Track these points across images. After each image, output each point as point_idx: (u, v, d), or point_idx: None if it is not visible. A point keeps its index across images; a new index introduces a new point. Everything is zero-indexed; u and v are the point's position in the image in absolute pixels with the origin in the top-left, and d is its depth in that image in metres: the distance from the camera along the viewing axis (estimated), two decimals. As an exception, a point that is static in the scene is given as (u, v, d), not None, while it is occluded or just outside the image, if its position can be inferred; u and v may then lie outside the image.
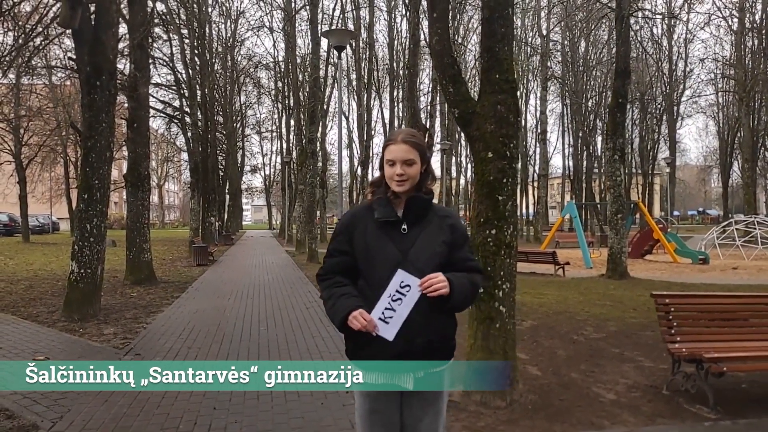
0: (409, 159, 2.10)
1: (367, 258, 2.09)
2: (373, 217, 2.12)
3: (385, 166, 2.15)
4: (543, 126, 33.15)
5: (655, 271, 16.44)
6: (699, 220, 66.91)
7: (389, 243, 2.09)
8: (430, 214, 2.16)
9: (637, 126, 41.87)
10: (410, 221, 2.11)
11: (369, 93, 32.62)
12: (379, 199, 2.14)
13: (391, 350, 2.02)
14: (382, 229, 2.10)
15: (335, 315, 2.07)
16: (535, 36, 33.10)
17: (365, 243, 2.10)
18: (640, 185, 42.17)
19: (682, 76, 35.23)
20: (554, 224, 25.22)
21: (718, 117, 41.27)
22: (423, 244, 2.10)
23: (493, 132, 4.66)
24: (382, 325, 2.00)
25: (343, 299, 2.07)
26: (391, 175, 2.11)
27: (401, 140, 2.12)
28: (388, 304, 2.00)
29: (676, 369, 4.59)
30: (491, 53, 4.74)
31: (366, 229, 2.12)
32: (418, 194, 2.14)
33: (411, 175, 2.11)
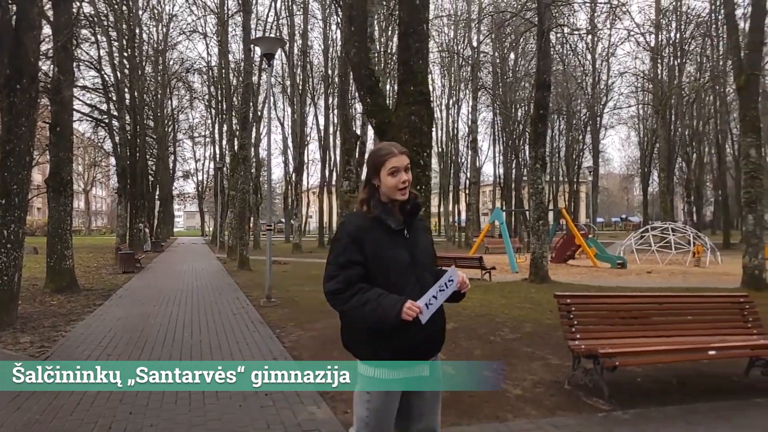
0: (408, 166, 2.28)
1: (381, 266, 2.21)
2: (380, 227, 2.24)
3: (384, 178, 2.26)
4: (474, 135, 34.10)
5: (576, 275, 17.26)
6: (622, 226, 70.62)
7: (400, 249, 2.25)
8: (416, 219, 2.36)
9: (563, 136, 43.85)
10: (408, 227, 2.30)
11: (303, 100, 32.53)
12: (385, 210, 2.26)
13: (419, 335, 2.21)
14: (391, 237, 2.25)
15: (386, 312, 2.12)
16: (466, 47, 34.06)
17: (379, 252, 2.22)
18: (566, 193, 44.12)
19: (604, 88, 37.19)
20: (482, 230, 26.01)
21: (638, 128, 43.93)
22: (423, 246, 2.34)
23: (407, 141, 4.84)
24: (425, 310, 2.17)
25: (384, 298, 2.15)
26: (395, 184, 2.24)
27: (400, 152, 2.28)
28: (435, 294, 2.19)
29: (576, 365, 4.90)
30: (406, 66, 4.93)
31: (377, 238, 2.23)
32: (415, 201, 2.32)
33: (410, 182, 2.29)
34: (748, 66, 10.96)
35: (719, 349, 4.82)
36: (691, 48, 31.71)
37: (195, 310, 9.31)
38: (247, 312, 9.17)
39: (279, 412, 4.25)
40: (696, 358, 4.97)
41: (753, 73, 10.89)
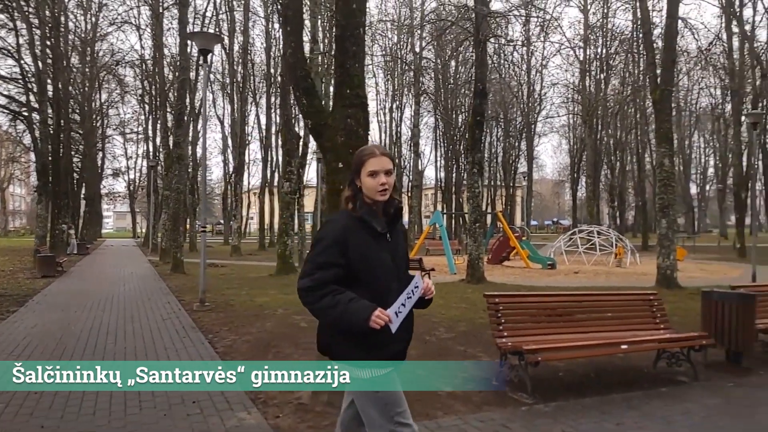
0: (389, 169, 2.27)
1: (368, 268, 2.21)
2: (365, 228, 2.23)
3: (364, 179, 2.26)
4: (416, 139, 34.62)
5: (510, 275, 17.86)
6: (554, 229, 73.45)
7: (383, 251, 2.26)
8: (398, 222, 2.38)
9: (501, 142, 45.21)
10: (390, 230, 2.31)
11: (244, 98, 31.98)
12: (370, 212, 2.26)
13: (401, 344, 2.31)
14: (376, 239, 2.25)
15: (354, 316, 2.13)
16: (409, 53, 34.55)
17: (365, 254, 2.22)
18: (503, 196, 45.50)
19: (538, 98, 38.66)
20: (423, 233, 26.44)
21: (568, 137, 45.85)
22: (400, 249, 2.36)
23: (343, 143, 4.92)
24: (395, 318, 2.17)
25: (354, 303, 2.14)
26: (374, 186, 2.24)
27: (380, 153, 2.27)
28: (404, 301, 2.20)
29: (503, 361, 5.13)
30: (343, 69, 5.01)
31: (362, 240, 2.22)
32: (399, 205, 2.33)
33: (391, 185, 2.26)
34: (662, 82, 11.75)
35: (631, 343, 5.18)
36: (616, 63, 33.53)
37: (121, 316, 8.94)
38: (178, 317, 8.94)
39: (206, 420, 4.17)
40: (611, 352, 5.30)
41: (666, 88, 11.68)
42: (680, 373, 5.36)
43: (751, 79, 28.75)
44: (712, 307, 5.91)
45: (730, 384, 5.20)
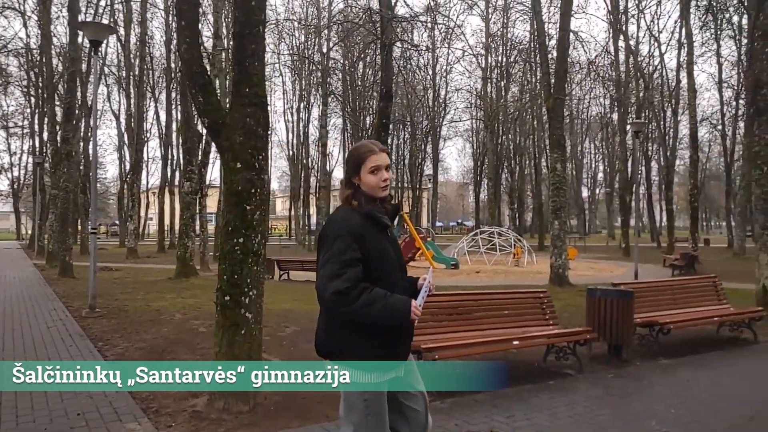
0: (389, 165, 2.30)
1: (381, 263, 2.21)
2: (374, 224, 2.23)
3: (365, 176, 2.25)
4: (324, 139, 34.45)
5: (415, 275, 18.19)
6: (458, 230, 76.00)
7: (389, 246, 2.29)
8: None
9: (408, 145, 46.12)
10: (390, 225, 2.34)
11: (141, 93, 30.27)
12: (376, 207, 2.26)
13: (407, 345, 2.33)
14: (383, 235, 2.28)
15: (396, 312, 2.13)
16: (316, 52, 34.35)
17: (378, 249, 2.21)
18: (410, 198, 46.45)
19: (443, 103, 39.80)
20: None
21: (472, 141, 47.67)
22: (398, 245, 2.39)
23: (242, 143, 4.77)
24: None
25: (391, 298, 2.14)
26: (376, 182, 2.25)
27: (379, 150, 2.28)
28: (423, 295, 2.25)
29: (403, 361, 5.21)
30: (242, 67, 4.86)
31: (375, 235, 2.23)
32: (395, 203, 2.35)
33: (390, 180, 2.30)
34: (555, 91, 12.54)
35: (522, 339, 5.45)
36: (515, 71, 35.31)
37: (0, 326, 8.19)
38: (65, 324, 8.30)
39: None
40: (504, 348, 5.54)
41: (558, 97, 12.47)
42: (567, 367, 5.71)
43: (635, 90, 31.34)
44: (596, 303, 6.36)
45: (611, 375, 5.61)
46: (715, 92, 32.81)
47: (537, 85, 32.74)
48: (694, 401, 4.72)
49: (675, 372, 5.71)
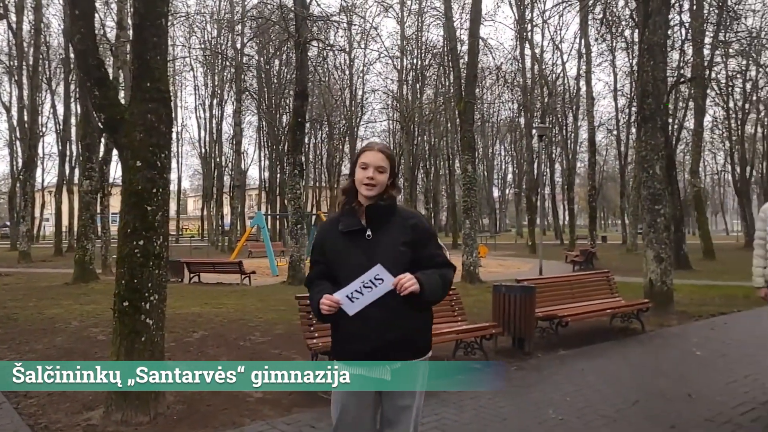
0: (381, 167, 2.28)
1: (338, 266, 2.28)
2: (337, 228, 2.30)
3: (357, 170, 2.29)
4: (238, 138, 33.59)
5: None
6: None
7: (355, 250, 2.26)
8: (395, 218, 2.31)
9: (325, 144, 45.93)
10: (374, 227, 2.28)
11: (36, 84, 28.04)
12: (345, 212, 2.32)
13: (367, 345, 2.21)
14: (348, 238, 2.28)
15: (314, 305, 2.24)
16: (230, 48, 33.40)
17: (335, 252, 2.30)
18: (328, 198, 46.27)
19: (360, 103, 39.97)
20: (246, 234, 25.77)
21: (389, 141, 48.20)
22: (386, 247, 2.25)
23: (142, 140, 4.55)
24: (347, 302, 2.17)
25: (315, 295, 2.25)
26: (362, 178, 2.27)
27: (378, 149, 2.31)
28: (359, 288, 2.16)
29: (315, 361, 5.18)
30: (142, 61, 4.64)
31: (334, 240, 2.31)
32: (376, 204, 2.29)
33: (380, 182, 2.28)
34: (466, 94, 12.97)
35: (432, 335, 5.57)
36: (430, 74, 36.14)
37: None
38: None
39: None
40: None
41: (469, 100, 12.91)
42: (473, 360, 5.91)
43: (540, 96, 33.01)
44: (500, 299, 6.63)
45: (514, 367, 5.87)
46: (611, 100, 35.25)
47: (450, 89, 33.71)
48: (588, 389, 5.04)
49: (572, 362, 6.07)
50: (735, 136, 33.35)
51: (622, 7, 21.09)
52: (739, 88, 30.82)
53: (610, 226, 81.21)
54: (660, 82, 9.60)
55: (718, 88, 27.81)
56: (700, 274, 17.25)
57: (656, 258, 9.49)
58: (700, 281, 14.76)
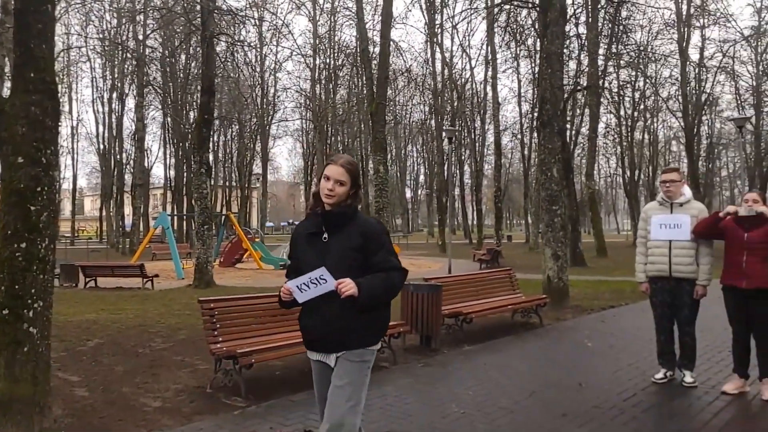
0: (341, 180, 2.56)
1: (301, 262, 2.62)
2: (305, 230, 2.66)
3: (321, 180, 2.60)
4: (140, 134, 31.90)
5: (242, 278, 17.76)
6: (289, 230, 75.73)
7: (311, 250, 2.59)
8: (351, 224, 2.59)
9: (236, 142, 44.69)
10: (330, 232, 2.58)
11: None
12: (312, 214, 2.64)
13: (313, 335, 2.65)
14: (309, 239, 2.63)
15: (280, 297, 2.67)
16: (131, 39, 31.65)
17: (301, 252, 2.65)
18: (239, 198, 45.05)
19: (272, 101, 39.29)
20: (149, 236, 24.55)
21: (302, 140, 47.75)
22: (336, 251, 2.55)
23: (25, 135, 4.20)
24: (297, 291, 2.55)
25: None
26: (323, 188, 2.57)
27: (340, 164, 2.57)
28: (306, 282, 2.52)
29: (218, 367, 5.03)
30: (25, 49, 4.28)
31: (300, 239, 2.68)
32: (332, 211, 2.58)
33: (338, 194, 2.56)
34: (378, 96, 13.12)
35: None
36: (343, 74, 36.19)
37: None
38: None
39: None
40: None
41: (381, 102, 13.07)
42: (382, 359, 5.98)
43: (450, 99, 34.00)
44: (408, 297, 6.75)
45: (420, 364, 6.01)
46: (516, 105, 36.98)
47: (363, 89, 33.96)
48: (489, 382, 5.26)
49: (475, 357, 6.30)
50: (625, 142, 36.09)
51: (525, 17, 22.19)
52: (629, 98, 33.40)
53: (515, 225, 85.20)
54: (557, 89, 10.21)
55: (610, 96, 29.96)
56: (594, 270, 18.52)
57: (553, 256, 10.07)
58: (593, 277, 15.85)
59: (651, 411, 4.43)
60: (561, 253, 10.20)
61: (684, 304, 5.01)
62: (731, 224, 4.75)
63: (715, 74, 31.27)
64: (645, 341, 6.47)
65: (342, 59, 34.28)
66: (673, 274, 4.98)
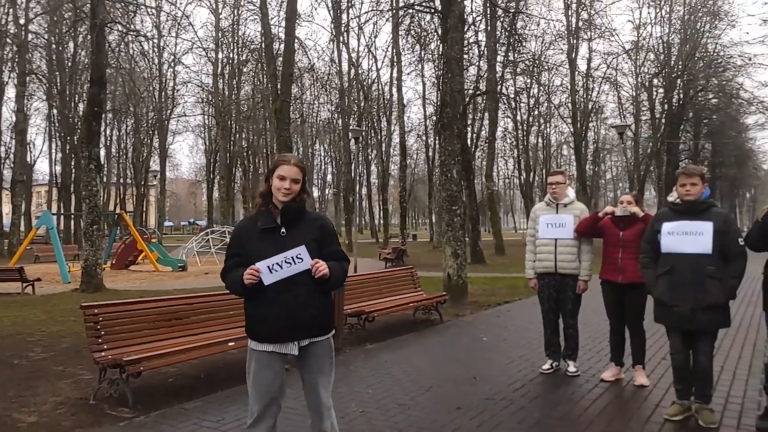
0: (297, 179, 2.74)
1: (255, 257, 2.65)
2: (257, 226, 2.74)
3: (274, 179, 2.73)
4: (21, 126, 29.25)
5: (136, 281, 16.79)
6: (190, 230, 72.55)
7: (269, 245, 2.68)
8: (304, 219, 2.79)
9: (131, 137, 42.19)
10: (287, 226, 2.74)
11: None
12: (261, 212, 2.77)
13: (276, 324, 2.69)
14: (264, 235, 2.72)
15: (236, 285, 2.69)
16: (11, 23, 28.92)
17: (253, 246, 2.71)
18: (134, 196, 42.56)
19: (171, 94, 37.43)
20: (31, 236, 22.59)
21: (204, 137, 45.91)
22: (299, 242, 2.68)
23: None
24: (267, 272, 2.62)
25: (235, 272, 2.70)
26: (279, 187, 2.71)
27: (293, 164, 2.75)
28: (280, 262, 2.62)
29: (102, 377, 4.71)
30: None
31: (251, 234, 2.75)
32: (290, 205, 2.74)
33: (295, 191, 2.75)
34: (282, 93, 12.90)
35: (238, 339, 5.43)
36: (247, 70, 35.24)
37: None
38: None
39: None
40: (221, 350, 5.45)
41: (285, 99, 12.86)
42: (282, 361, 5.88)
43: (356, 99, 34.14)
44: (310, 297, 6.69)
45: (322, 364, 5.97)
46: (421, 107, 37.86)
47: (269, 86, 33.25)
48: (389, 379, 5.34)
49: (377, 355, 6.37)
50: (521, 145, 38.08)
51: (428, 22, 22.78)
52: (524, 103, 35.26)
53: (421, 225, 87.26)
54: (457, 93, 10.56)
55: (507, 102, 31.48)
56: (492, 267, 19.38)
57: (453, 254, 10.42)
58: (492, 274, 16.59)
59: (537, 400, 4.70)
60: (460, 252, 10.57)
61: (568, 298, 5.37)
62: (608, 223, 5.15)
63: (600, 84, 33.86)
64: (535, 334, 6.86)
65: (246, 54, 33.33)
66: (558, 270, 5.32)
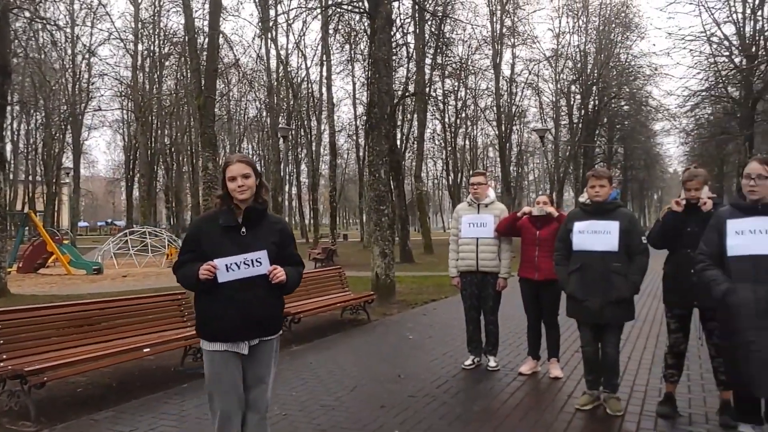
0: (245, 173, 2.74)
1: (213, 254, 2.69)
2: (217, 224, 2.77)
3: (228, 183, 2.75)
4: None
5: (45, 285, 15.75)
6: (107, 230, 68.92)
7: (229, 243, 2.72)
8: (265, 221, 2.83)
9: (41, 132, 39.57)
10: (248, 226, 2.77)
11: None
12: (223, 211, 2.79)
13: (232, 323, 2.71)
14: (224, 233, 2.75)
15: (190, 279, 2.73)
16: None
17: (211, 244, 2.73)
18: (45, 194, 39.91)
19: (87, 87, 35.37)
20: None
21: (123, 133, 43.73)
22: (258, 242, 2.73)
23: None
24: (223, 269, 2.67)
25: (190, 267, 2.74)
26: (233, 188, 2.73)
27: (237, 161, 2.77)
28: (239, 262, 2.68)
29: (2, 389, 4.37)
30: None
31: (209, 232, 2.77)
32: (253, 205, 2.78)
33: (249, 185, 2.74)
34: (206, 89, 12.48)
35: (155, 345, 5.21)
36: (170, 63, 33.89)
37: None
38: None
39: None
40: (136, 357, 5.19)
41: (209, 96, 12.46)
42: (201, 366, 5.68)
43: (285, 97, 33.60)
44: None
45: (245, 367, 5.82)
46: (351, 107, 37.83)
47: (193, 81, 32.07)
48: (314, 380, 5.28)
49: (302, 356, 6.29)
50: (449, 147, 38.88)
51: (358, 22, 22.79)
52: (452, 106, 36.02)
53: (352, 224, 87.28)
54: (384, 94, 10.61)
55: (436, 104, 32.03)
56: (420, 266, 19.67)
57: (381, 253, 10.47)
58: (419, 273, 16.82)
59: (459, 395, 4.80)
60: (388, 251, 10.64)
61: (489, 295, 5.52)
62: (526, 223, 5.34)
63: (523, 89, 35.17)
64: (459, 331, 7.00)
65: (168, 48, 32.01)
66: (480, 269, 5.46)
